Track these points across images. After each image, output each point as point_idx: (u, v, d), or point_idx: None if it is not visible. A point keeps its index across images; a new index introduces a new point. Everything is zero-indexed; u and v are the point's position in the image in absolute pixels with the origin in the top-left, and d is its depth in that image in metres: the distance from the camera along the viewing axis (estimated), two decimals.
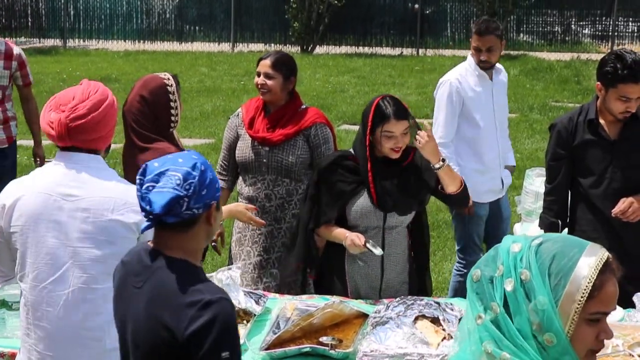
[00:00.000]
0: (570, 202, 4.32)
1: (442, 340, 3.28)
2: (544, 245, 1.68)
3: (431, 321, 3.38)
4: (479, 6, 19.66)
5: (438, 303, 3.50)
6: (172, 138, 4.02)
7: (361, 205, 3.88)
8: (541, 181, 5.09)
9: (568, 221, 4.32)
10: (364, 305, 3.74)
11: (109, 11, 22.03)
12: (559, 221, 4.29)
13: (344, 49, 20.38)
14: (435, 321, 3.39)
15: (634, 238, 4.13)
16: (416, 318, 3.39)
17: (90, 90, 2.97)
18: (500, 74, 5.39)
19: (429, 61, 18.20)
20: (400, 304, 3.49)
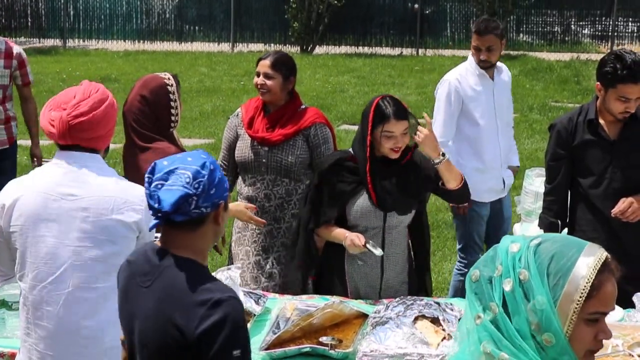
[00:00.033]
0: (570, 202, 4.32)
1: (442, 340, 3.28)
2: (543, 245, 1.69)
3: (431, 321, 3.38)
4: (479, 6, 19.65)
5: (438, 303, 3.50)
6: (172, 138, 4.02)
7: (361, 205, 3.88)
8: (541, 181, 5.09)
9: (568, 221, 4.32)
10: (364, 305, 3.74)
11: (109, 11, 22.01)
12: (559, 221, 4.29)
13: (344, 49, 20.37)
14: (435, 321, 3.39)
15: (634, 238, 4.13)
16: (416, 318, 3.39)
17: (91, 89, 3.00)
18: (501, 74, 5.38)
19: (429, 61, 18.19)
20: (400, 304, 3.49)
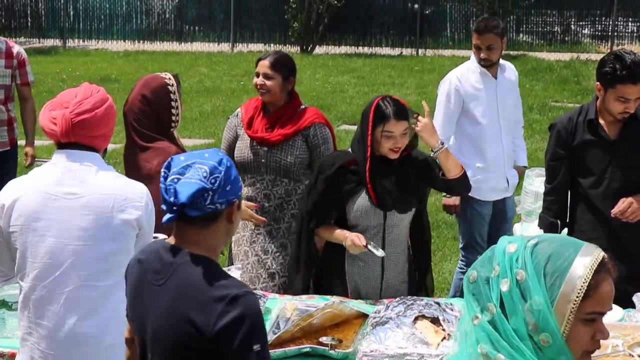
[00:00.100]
0: (569, 202, 4.32)
1: (442, 340, 3.28)
2: (540, 245, 1.69)
3: (431, 321, 3.38)
4: (479, 6, 19.64)
5: (438, 303, 3.49)
6: (173, 138, 4.03)
7: (360, 204, 3.88)
8: (541, 181, 5.08)
9: (567, 221, 4.32)
10: (364, 305, 3.74)
11: (109, 11, 22.00)
12: (559, 221, 4.29)
13: (344, 49, 20.36)
14: (435, 321, 3.38)
15: (633, 238, 4.13)
16: (416, 318, 3.38)
17: (92, 90, 3.03)
18: (505, 72, 5.37)
19: (429, 61, 18.19)
20: (400, 304, 3.49)
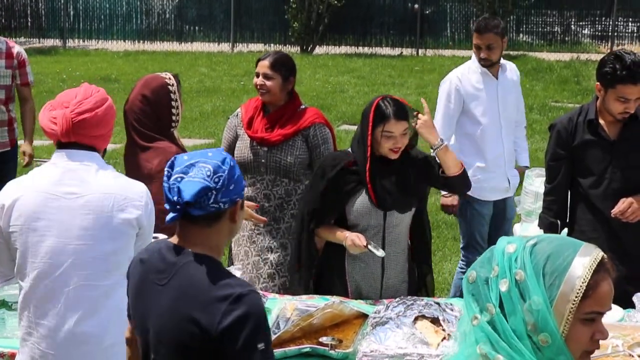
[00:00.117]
0: (569, 203, 4.32)
1: (442, 340, 3.28)
2: (539, 245, 1.69)
3: (431, 321, 3.38)
4: (479, 6, 19.65)
5: (438, 303, 3.49)
6: (173, 137, 4.03)
7: (360, 204, 3.88)
8: (541, 181, 5.08)
9: (567, 221, 4.32)
10: (364, 305, 3.74)
11: (109, 11, 22.00)
12: (559, 221, 4.29)
13: (344, 49, 20.36)
14: (435, 321, 3.38)
15: (634, 238, 4.13)
16: (416, 318, 3.38)
17: (92, 90, 3.04)
18: (506, 72, 5.36)
19: (429, 61, 18.19)
20: (400, 304, 3.49)
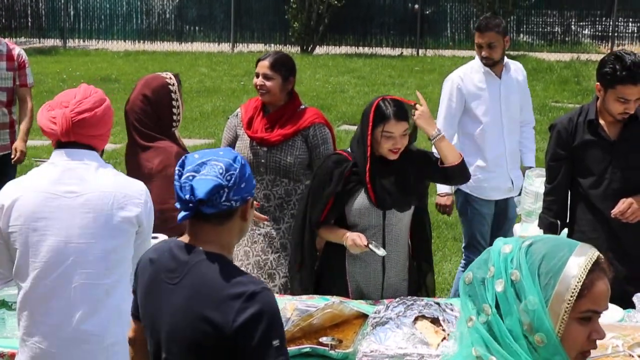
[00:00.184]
0: (569, 203, 4.32)
1: (442, 340, 3.28)
2: (534, 246, 1.70)
3: (431, 321, 3.38)
4: (479, 6, 19.65)
5: (438, 303, 3.49)
6: (174, 137, 4.03)
7: (360, 204, 3.88)
8: (541, 181, 5.08)
9: (567, 221, 4.32)
10: (364, 305, 3.74)
11: (109, 11, 22.01)
12: (559, 221, 4.29)
13: (344, 49, 20.36)
14: (435, 321, 3.38)
15: (633, 239, 4.13)
16: (416, 318, 3.38)
17: (90, 90, 3.05)
18: (510, 71, 5.35)
19: (429, 61, 18.19)
20: (400, 305, 3.49)
